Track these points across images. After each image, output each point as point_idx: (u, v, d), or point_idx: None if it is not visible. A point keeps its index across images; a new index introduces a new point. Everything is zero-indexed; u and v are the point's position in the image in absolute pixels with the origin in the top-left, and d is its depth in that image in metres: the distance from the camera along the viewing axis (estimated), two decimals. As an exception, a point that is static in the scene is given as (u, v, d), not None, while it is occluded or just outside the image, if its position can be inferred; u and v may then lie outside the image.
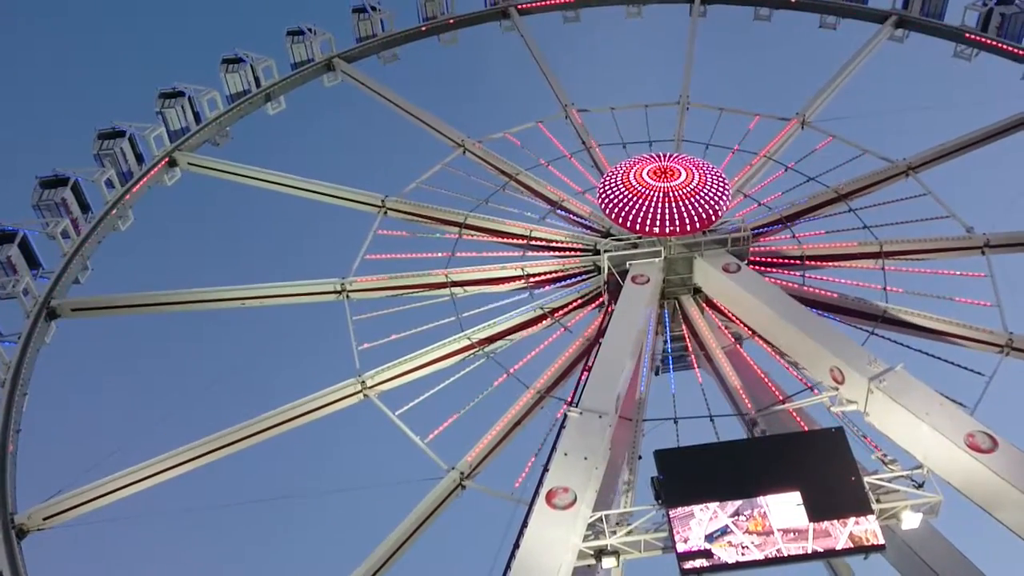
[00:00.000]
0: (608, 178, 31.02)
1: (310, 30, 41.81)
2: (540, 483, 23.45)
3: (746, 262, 30.50)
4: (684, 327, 30.85)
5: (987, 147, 35.03)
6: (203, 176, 36.88)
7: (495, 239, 33.33)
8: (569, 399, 26.94)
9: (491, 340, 30.52)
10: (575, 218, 33.90)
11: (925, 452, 23.67)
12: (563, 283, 32.12)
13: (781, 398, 28.41)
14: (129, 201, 35.22)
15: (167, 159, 36.73)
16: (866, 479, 23.30)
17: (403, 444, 28.23)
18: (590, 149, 36.30)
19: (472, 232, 33.32)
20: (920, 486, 23.45)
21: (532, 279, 31.90)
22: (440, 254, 32.74)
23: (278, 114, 40.83)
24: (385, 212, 34.34)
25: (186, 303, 32.42)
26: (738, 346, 30.70)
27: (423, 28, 43.42)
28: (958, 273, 30.85)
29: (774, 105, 37.61)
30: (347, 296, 31.75)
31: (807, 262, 31.64)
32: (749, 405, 28.44)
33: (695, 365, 31.34)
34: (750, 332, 30.42)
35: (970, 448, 22.66)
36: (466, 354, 30.23)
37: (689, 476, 23.90)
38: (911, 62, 41.41)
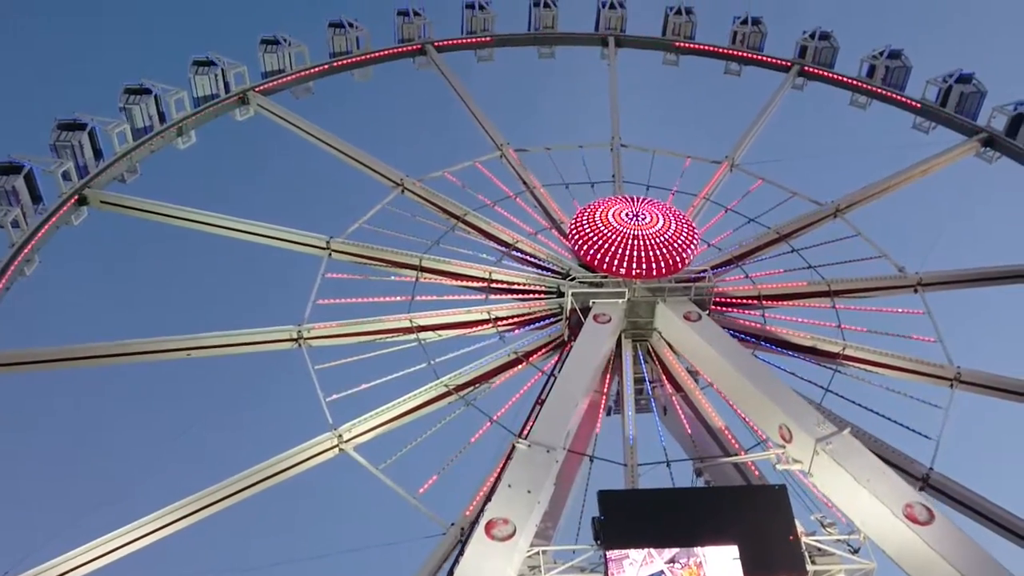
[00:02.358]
0: (580, 216, 31.02)
1: (220, 61, 39.43)
2: (481, 512, 23.18)
3: (707, 312, 30.84)
4: (659, 368, 30.88)
5: (912, 186, 37.45)
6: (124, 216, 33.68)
7: (455, 282, 32.34)
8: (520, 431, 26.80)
9: (468, 386, 29.53)
10: (531, 259, 33.42)
11: (863, 518, 24.00)
12: (531, 326, 31.54)
13: (729, 449, 28.93)
14: (36, 245, 31.78)
15: (76, 197, 33.44)
16: (804, 539, 23.75)
17: (381, 497, 26.86)
18: (533, 189, 36.02)
19: (430, 275, 32.20)
20: (856, 551, 23.86)
21: (500, 323, 31.15)
22: (399, 298, 31.46)
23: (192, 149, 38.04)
24: (330, 254, 32.71)
25: (122, 356, 29.54)
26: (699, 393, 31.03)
27: (336, 64, 41.97)
28: (900, 310, 32.59)
29: (700, 146, 38.71)
30: (305, 344, 29.90)
31: (764, 301, 32.50)
32: (705, 453, 28.84)
33: (656, 407, 31.38)
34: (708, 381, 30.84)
35: (908, 519, 23.00)
36: (444, 401, 29.07)
37: (630, 519, 23.88)
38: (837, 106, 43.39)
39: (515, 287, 32.42)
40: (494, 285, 32.31)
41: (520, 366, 30.44)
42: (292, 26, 42.13)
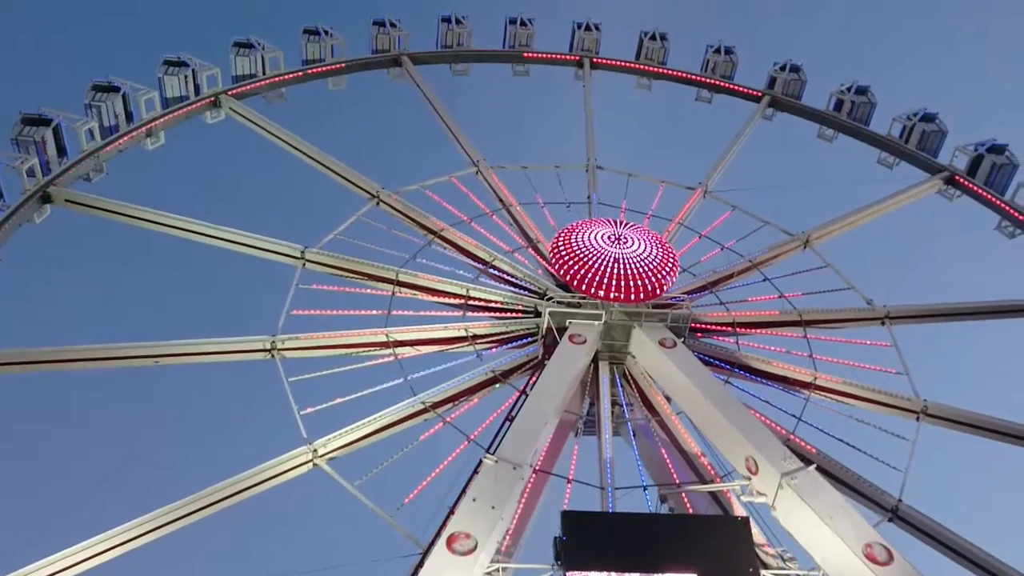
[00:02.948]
0: (562, 236, 31.02)
1: (192, 62, 38.60)
2: (443, 525, 23.16)
3: (682, 340, 30.96)
4: (635, 391, 30.91)
5: (880, 219, 38.23)
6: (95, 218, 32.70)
7: (432, 298, 32.04)
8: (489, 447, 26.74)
9: (445, 403, 29.22)
10: (508, 278, 33.26)
11: (824, 555, 24.09)
12: (509, 345, 31.37)
13: (704, 475, 29.14)
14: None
15: (41, 194, 32.37)
16: (764, 572, 24.01)
17: (356, 514, 26.43)
18: (510, 208, 35.89)
19: (407, 289, 31.85)
20: None
21: (478, 340, 30.92)
22: (375, 312, 31.05)
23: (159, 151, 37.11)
24: (304, 264, 32.17)
25: (87, 360, 28.62)
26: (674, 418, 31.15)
27: (310, 71, 41.42)
28: (868, 343, 33.15)
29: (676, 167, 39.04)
30: (278, 355, 29.32)
31: (738, 329, 32.79)
32: (676, 477, 29.04)
33: (631, 431, 31.44)
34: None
35: (867, 558, 23.12)
36: (420, 419, 28.72)
37: (592, 541, 23.94)
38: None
39: (493, 305, 32.18)
40: (472, 303, 32.02)
41: (497, 385, 30.18)
42: (274, 32, 41.17)
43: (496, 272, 33.42)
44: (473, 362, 30.63)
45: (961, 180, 40.79)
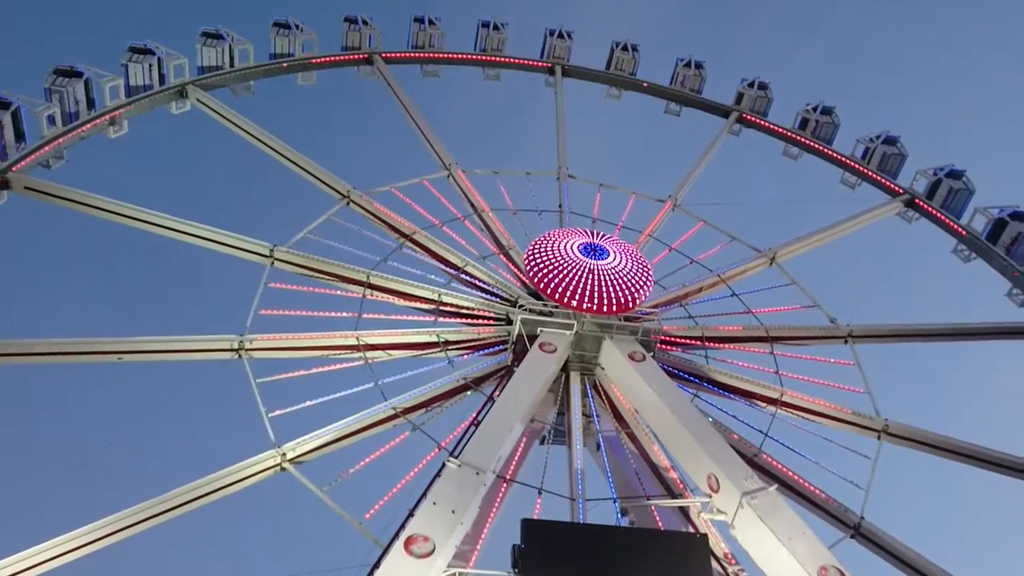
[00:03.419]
0: (538, 244, 30.90)
1: (159, 49, 37.70)
2: (402, 527, 22.98)
3: (652, 354, 31.04)
4: (606, 402, 30.93)
5: (848, 237, 38.87)
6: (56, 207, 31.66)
7: (404, 301, 31.68)
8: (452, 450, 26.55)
9: (415, 409, 28.89)
10: (480, 284, 33.05)
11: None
12: (481, 352, 31.15)
13: (672, 488, 29.28)
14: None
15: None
16: None
17: (317, 518, 26.06)
18: (482, 213, 35.70)
19: (378, 292, 31.44)
20: None
21: (450, 346, 30.65)
22: (346, 314, 30.62)
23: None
24: (273, 263, 31.57)
25: (46, 355, 27.69)
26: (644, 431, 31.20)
27: (283, 64, 40.77)
28: (831, 360, 33.64)
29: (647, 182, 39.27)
30: (246, 355, 28.73)
31: (707, 343, 33.00)
32: (643, 491, 29.09)
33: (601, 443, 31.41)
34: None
35: None
36: (391, 424, 28.36)
37: (550, 551, 23.96)
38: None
39: (464, 311, 31.94)
40: (443, 307, 31.73)
41: (468, 392, 29.95)
42: (249, 25, 40.42)
43: (468, 278, 33.15)
44: (444, 368, 30.38)
45: (920, 203, 41.62)
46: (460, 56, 44.85)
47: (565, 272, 30.80)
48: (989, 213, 39.89)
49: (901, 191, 42.26)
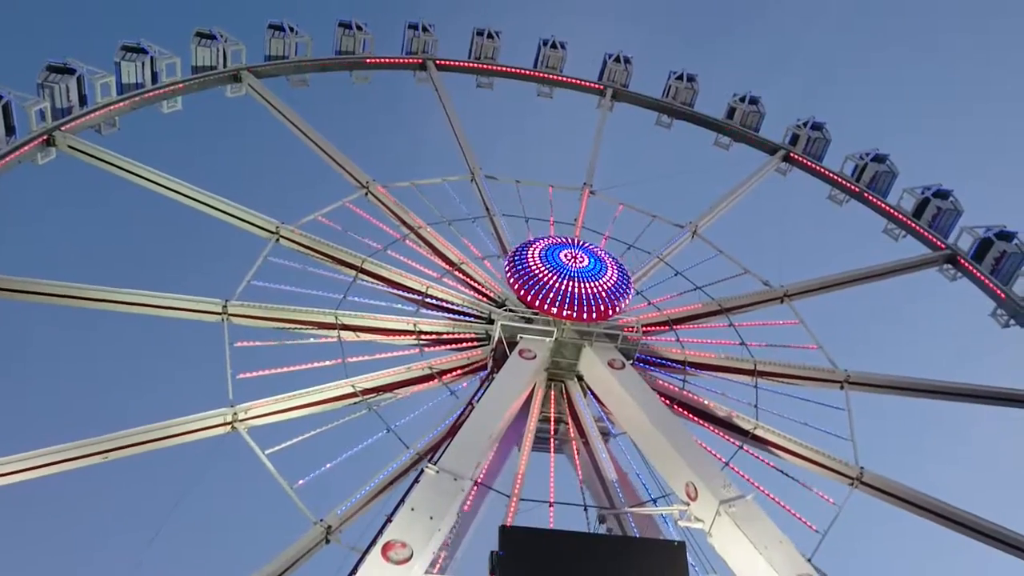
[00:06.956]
0: (520, 249, 31.23)
1: (221, 36, 40.19)
2: (380, 533, 23.13)
3: (632, 361, 31.02)
4: (567, 411, 30.96)
5: (860, 288, 37.74)
6: (82, 164, 34.03)
7: (390, 289, 32.60)
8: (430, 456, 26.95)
9: (376, 391, 29.66)
10: (471, 282, 33.67)
11: None
12: (453, 346, 31.70)
13: (639, 497, 28.98)
14: (-6, 172, 32.10)
15: (46, 137, 33.90)
16: None
17: (268, 482, 26.95)
18: (492, 217, 36.36)
19: (368, 278, 32.47)
20: None
21: (423, 336, 31.35)
22: (332, 294, 31.68)
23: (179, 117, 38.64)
24: (278, 239, 33.04)
25: (40, 295, 29.57)
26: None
27: (339, 61, 42.66)
28: (816, 402, 32.67)
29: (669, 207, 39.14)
30: (228, 319, 30.13)
31: (688, 368, 32.61)
32: (621, 498, 28.96)
33: (575, 450, 31.45)
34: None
35: None
36: (348, 402, 29.21)
37: (528, 558, 24.04)
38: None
39: (448, 306, 32.58)
40: (428, 300, 32.47)
41: (433, 382, 30.50)
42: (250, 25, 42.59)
43: (460, 276, 33.82)
44: (415, 356, 30.96)
45: (963, 261, 39.90)
46: (518, 71, 45.88)
47: (546, 279, 31.04)
48: (975, 232, 39.14)
49: (944, 246, 40.58)
